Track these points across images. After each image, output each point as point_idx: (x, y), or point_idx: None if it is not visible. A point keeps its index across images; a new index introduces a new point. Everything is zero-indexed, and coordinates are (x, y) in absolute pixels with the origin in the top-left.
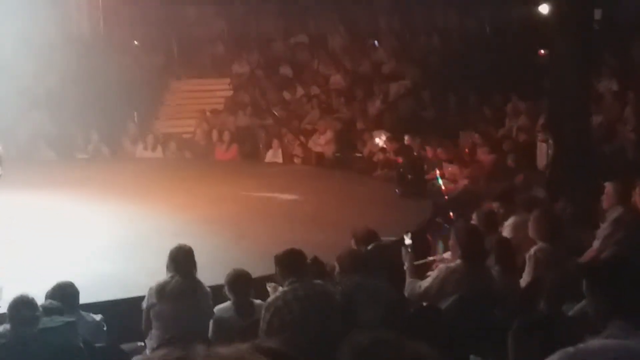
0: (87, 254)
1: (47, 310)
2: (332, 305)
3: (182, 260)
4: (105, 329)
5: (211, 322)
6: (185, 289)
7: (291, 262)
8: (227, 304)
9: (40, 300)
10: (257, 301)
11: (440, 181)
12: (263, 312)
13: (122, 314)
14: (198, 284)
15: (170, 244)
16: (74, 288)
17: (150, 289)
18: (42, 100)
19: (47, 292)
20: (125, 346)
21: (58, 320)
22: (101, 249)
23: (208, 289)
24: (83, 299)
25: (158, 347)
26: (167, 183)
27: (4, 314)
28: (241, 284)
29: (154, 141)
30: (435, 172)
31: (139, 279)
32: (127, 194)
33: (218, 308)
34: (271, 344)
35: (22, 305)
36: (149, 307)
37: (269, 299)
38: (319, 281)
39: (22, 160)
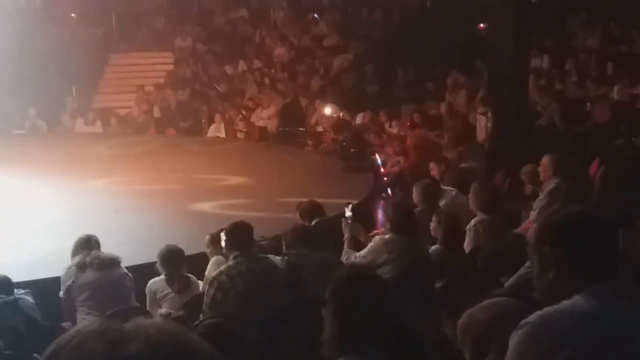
0: (26, 231)
1: None
2: (277, 280)
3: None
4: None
5: (146, 293)
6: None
7: (238, 235)
8: (159, 277)
9: None
10: (192, 276)
11: (379, 160)
12: (206, 286)
13: (57, 293)
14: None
15: (110, 220)
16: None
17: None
18: None
19: None
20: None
21: None
22: (41, 226)
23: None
24: (22, 277)
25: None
26: (107, 159)
27: None
28: (173, 258)
29: (93, 116)
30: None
31: None
32: (66, 170)
33: (151, 281)
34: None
35: None
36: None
37: (213, 274)
38: (264, 255)
39: None
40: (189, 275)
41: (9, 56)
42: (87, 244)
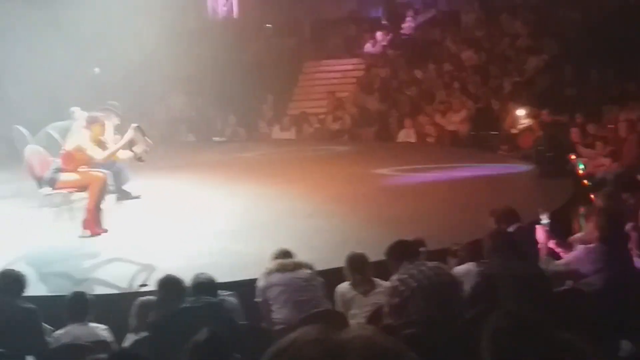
0: (225, 234)
1: (196, 290)
2: (450, 283)
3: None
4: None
5: (335, 297)
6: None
7: (400, 251)
8: (346, 283)
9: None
10: (377, 280)
11: (581, 163)
12: (385, 296)
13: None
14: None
15: (304, 225)
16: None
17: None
18: (183, 86)
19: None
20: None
21: (202, 300)
22: (238, 229)
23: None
24: (221, 279)
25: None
26: (300, 164)
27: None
28: (357, 264)
29: (288, 123)
30: (574, 153)
31: None
32: (262, 175)
33: (339, 285)
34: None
35: (169, 284)
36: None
37: (390, 283)
38: (432, 263)
39: (163, 143)
40: (374, 279)
41: (211, 67)
42: (282, 255)
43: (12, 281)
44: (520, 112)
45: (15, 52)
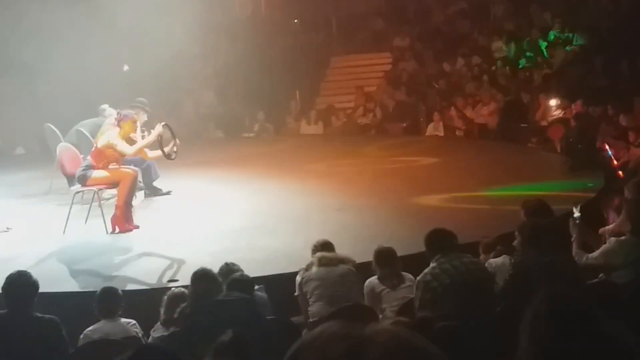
0: (253, 229)
1: (229, 286)
2: (487, 281)
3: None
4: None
5: (364, 291)
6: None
7: (438, 240)
8: (374, 277)
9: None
10: (406, 273)
11: (610, 152)
12: (415, 290)
13: (287, 288)
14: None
15: (334, 219)
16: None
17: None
18: (211, 82)
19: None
20: (294, 319)
21: (234, 295)
22: (266, 224)
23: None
24: (250, 273)
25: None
26: (328, 159)
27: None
28: (384, 258)
29: (315, 118)
30: (604, 143)
31: (305, 253)
32: (290, 170)
33: (368, 280)
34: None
35: (203, 278)
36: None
37: (419, 277)
38: (467, 255)
39: (192, 139)
40: (403, 273)
41: (239, 63)
42: (321, 247)
43: (23, 288)
44: (553, 102)
45: (46, 49)
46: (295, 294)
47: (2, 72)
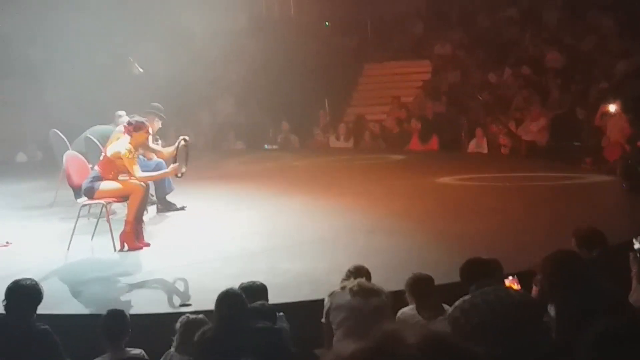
0: (275, 250)
1: (255, 312)
2: (523, 315)
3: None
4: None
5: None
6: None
7: (470, 270)
8: (409, 307)
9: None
10: (445, 305)
11: None
12: (448, 317)
13: (310, 317)
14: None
15: (363, 242)
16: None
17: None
18: (232, 89)
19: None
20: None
21: (260, 323)
22: (290, 246)
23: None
24: (273, 299)
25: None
26: (359, 176)
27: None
28: (421, 287)
29: (346, 130)
30: None
31: (331, 278)
32: (317, 186)
33: (401, 310)
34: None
35: (229, 300)
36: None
37: (455, 304)
38: (505, 289)
39: (209, 150)
40: (443, 304)
41: (263, 69)
42: (356, 273)
43: (27, 294)
44: (611, 107)
45: (55, 51)
46: (322, 320)
47: (6, 73)
